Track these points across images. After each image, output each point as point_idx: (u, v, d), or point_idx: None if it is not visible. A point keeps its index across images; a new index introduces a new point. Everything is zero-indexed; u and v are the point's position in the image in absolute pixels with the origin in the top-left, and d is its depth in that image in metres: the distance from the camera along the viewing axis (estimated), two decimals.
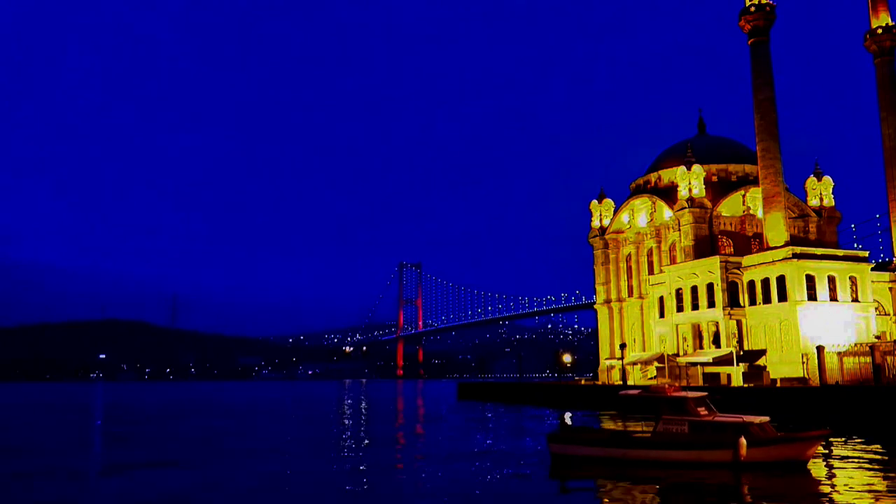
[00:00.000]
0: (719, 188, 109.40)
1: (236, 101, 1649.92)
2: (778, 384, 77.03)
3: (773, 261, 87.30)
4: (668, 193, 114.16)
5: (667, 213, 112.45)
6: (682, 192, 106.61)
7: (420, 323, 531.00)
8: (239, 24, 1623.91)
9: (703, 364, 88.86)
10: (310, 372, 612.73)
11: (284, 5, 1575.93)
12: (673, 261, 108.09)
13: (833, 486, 28.49)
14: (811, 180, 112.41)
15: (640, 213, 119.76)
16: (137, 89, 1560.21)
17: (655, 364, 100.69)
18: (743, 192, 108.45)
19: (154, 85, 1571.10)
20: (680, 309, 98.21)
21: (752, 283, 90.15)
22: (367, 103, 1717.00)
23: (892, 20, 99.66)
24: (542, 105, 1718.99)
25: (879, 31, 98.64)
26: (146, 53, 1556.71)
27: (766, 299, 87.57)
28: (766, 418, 33.91)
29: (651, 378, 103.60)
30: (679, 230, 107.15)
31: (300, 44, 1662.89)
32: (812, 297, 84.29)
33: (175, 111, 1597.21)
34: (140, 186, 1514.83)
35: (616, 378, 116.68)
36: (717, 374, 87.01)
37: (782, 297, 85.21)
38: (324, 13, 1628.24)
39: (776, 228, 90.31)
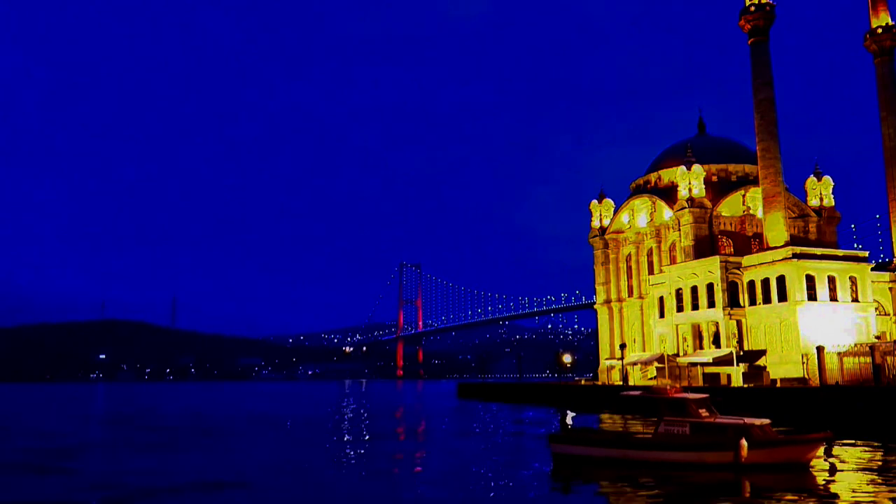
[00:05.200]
0: (719, 188, 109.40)
1: (236, 102, 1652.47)
2: (778, 384, 76.97)
3: (773, 261, 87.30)
4: (668, 193, 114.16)
5: (667, 213, 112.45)
6: (682, 192, 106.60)
7: (420, 323, 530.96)
8: (240, 28, 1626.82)
9: (704, 364, 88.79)
10: (310, 372, 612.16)
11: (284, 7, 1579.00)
12: (673, 261, 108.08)
13: (833, 486, 28.47)
14: (811, 180, 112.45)
15: (640, 213, 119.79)
16: (140, 91, 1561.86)
17: (655, 364, 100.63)
18: (743, 192, 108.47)
19: (156, 87, 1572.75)
20: (680, 309, 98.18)
21: (752, 284, 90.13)
22: (366, 103, 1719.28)
23: (892, 20, 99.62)
24: (542, 104, 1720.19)
25: (879, 30, 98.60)
26: (156, 56, 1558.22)
27: (766, 299, 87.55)
28: (768, 420, 33.88)
29: (651, 378, 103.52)
30: (679, 230, 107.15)
31: (294, 47, 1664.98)
32: (812, 297, 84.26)
33: (175, 113, 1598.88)
34: (141, 187, 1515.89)
35: (616, 378, 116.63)
36: (717, 375, 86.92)
37: (782, 297, 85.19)
38: (321, 12, 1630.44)
39: (776, 228, 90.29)
